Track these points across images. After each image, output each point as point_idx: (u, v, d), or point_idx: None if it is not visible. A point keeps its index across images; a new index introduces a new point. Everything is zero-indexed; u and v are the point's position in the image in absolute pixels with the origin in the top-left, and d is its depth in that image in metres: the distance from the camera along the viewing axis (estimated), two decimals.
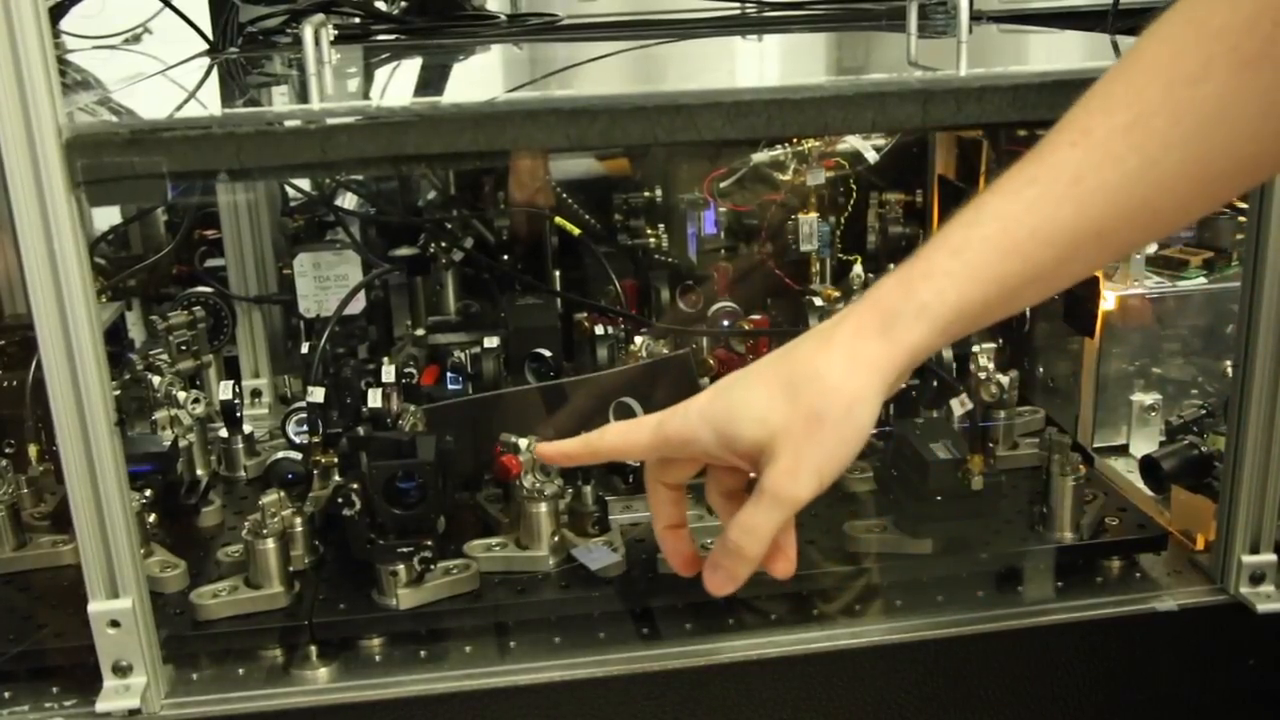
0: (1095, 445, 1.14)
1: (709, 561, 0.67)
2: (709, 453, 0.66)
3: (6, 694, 0.86)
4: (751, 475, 0.65)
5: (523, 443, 0.96)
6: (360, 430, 0.99)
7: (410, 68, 1.28)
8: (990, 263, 0.60)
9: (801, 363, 0.63)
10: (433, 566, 0.90)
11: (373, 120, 0.76)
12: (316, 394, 1.06)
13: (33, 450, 1.05)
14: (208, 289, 1.32)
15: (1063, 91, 0.81)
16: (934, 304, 0.60)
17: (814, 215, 1.32)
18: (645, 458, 0.71)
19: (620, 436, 0.70)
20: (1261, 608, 0.91)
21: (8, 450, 1.04)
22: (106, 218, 1.44)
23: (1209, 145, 0.56)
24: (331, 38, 1.15)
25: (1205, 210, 0.73)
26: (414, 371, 1.13)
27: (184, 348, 1.19)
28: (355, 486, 0.90)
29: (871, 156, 1.35)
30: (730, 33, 1.47)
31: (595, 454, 0.71)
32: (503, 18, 1.52)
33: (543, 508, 0.96)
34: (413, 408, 1.03)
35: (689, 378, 1.09)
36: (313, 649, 0.89)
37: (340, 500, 0.90)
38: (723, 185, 1.36)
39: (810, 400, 0.62)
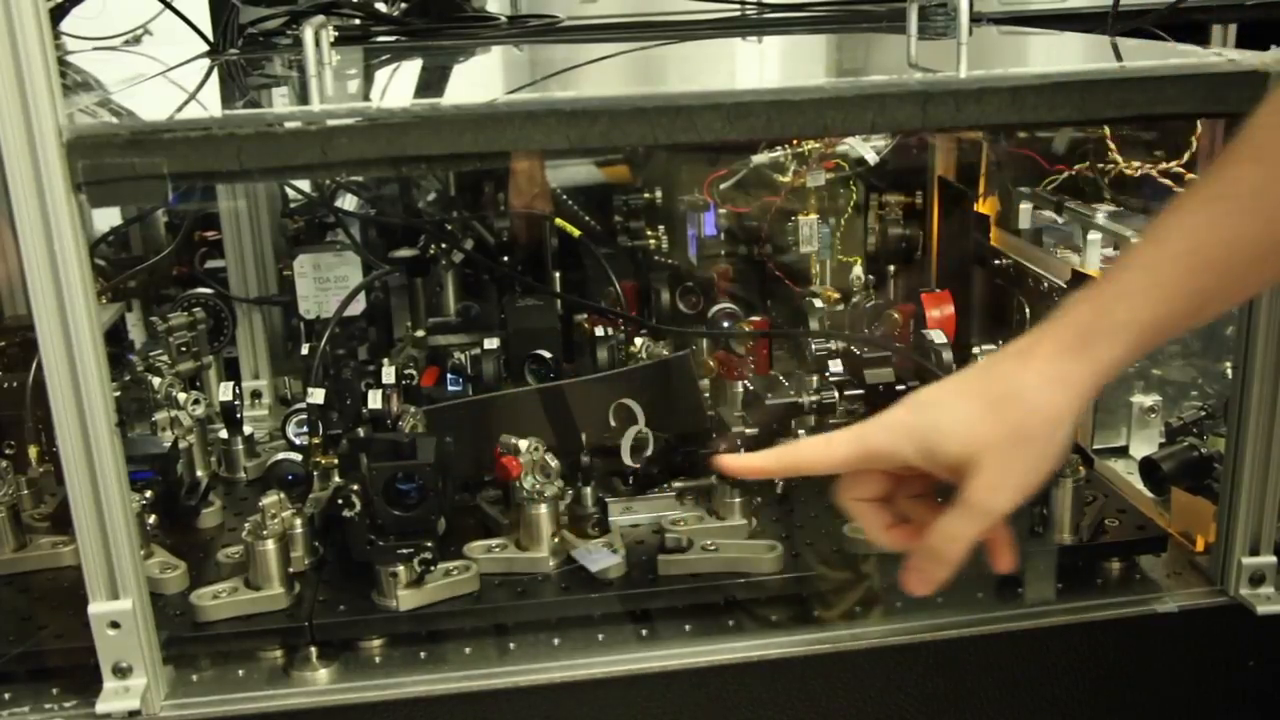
0: (1095, 447, 1.14)
1: (908, 564, 0.71)
2: (908, 464, 0.69)
3: (7, 695, 0.86)
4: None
5: (522, 444, 0.96)
6: (360, 432, 0.99)
7: (410, 69, 1.28)
8: (1181, 278, 0.63)
9: (1003, 380, 0.66)
10: (433, 568, 0.90)
11: (373, 122, 0.76)
12: (317, 395, 1.06)
13: (33, 451, 1.05)
14: (208, 290, 1.32)
15: (1062, 93, 0.81)
16: (1130, 322, 0.63)
17: (814, 217, 1.32)
18: (842, 470, 0.73)
19: (816, 451, 0.73)
20: (1261, 609, 0.91)
21: (8, 451, 1.04)
22: (107, 219, 1.45)
23: None
24: (332, 39, 1.15)
25: None
26: (414, 373, 1.13)
27: (184, 349, 1.20)
28: (355, 488, 0.90)
29: (871, 158, 1.35)
30: (730, 34, 1.47)
31: (787, 470, 0.75)
32: (503, 19, 1.52)
33: (543, 509, 0.96)
34: (413, 409, 1.03)
35: (689, 379, 1.09)
36: (313, 650, 0.89)
37: (340, 501, 0.90)
38: (723, 187, 1.36)
39: (1013, 418, 0.65)
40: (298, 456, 1.10)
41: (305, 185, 1.47)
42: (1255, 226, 0.62)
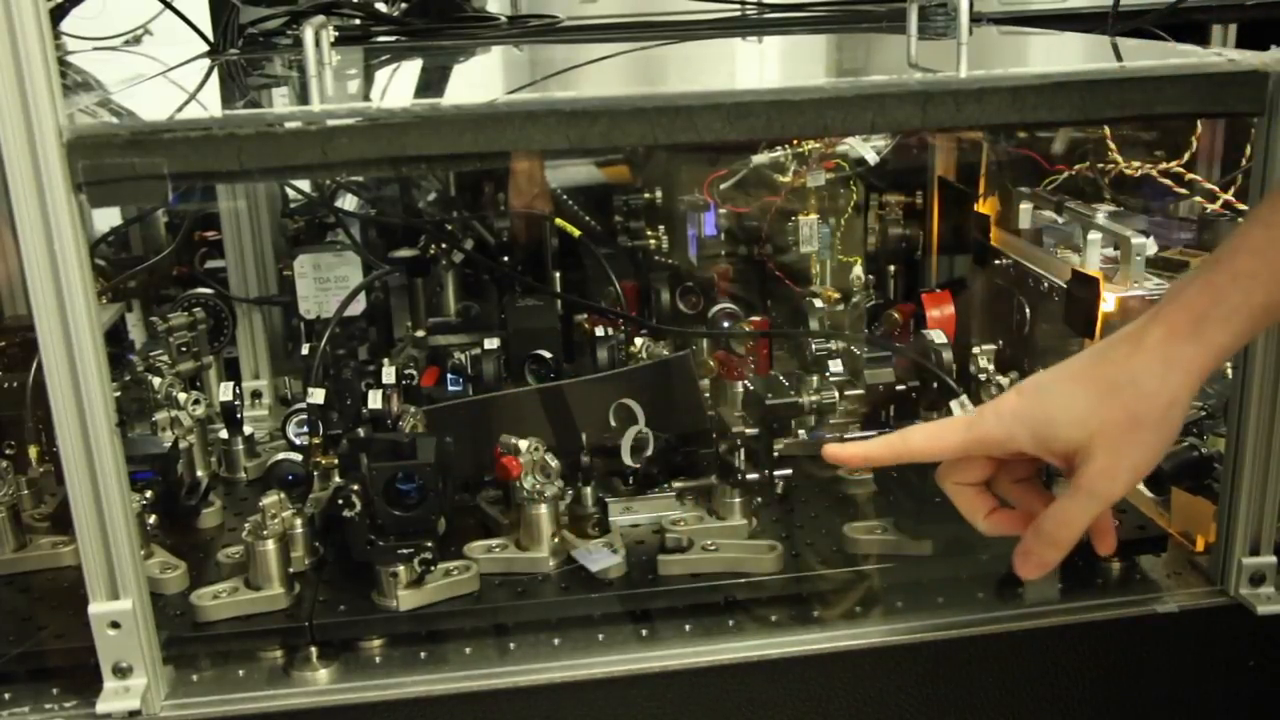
0: None
1: (1020, 549, 0.72)
2: (1020, 451, 0.71)
3: (7, 695, 0.86)
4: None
5: (523, 444, 0.96)
6: (360, 432, 0.99)
7: (410, 69, 1.28)
8: None
9: (1115, 366, 0.67)
10: (433, 568, 0.90)
11: (373, 122, 0.76)
12: (317, 395, 1.06)
13: (33, 451, 1.05)
14: (208, 290, 1.32)
15: (1062, 93, 0.81)
16: (1243, 305, 0.64)
17: (814, 217, 1.32)
18: (951, 458, 0.75)
19: (928, 440, 0.74)
20: (1261, 609, 0.91)
21: (8, 451, 1.04)
22: (107, 219, 1.45)
23: None
24: (332, 39, 1.15)
25: None
26: (414, 373, 1.13)
27: (184, 349, 1.20)
28: (355, 488, 0.90)
29: (871, 158, 1.35)
30: (730, 34, 1.47)
31: (899, 457, 0.75)
32: (503, 19, 1.52)
33: (543, 509, 0.96)
34: (413, 409, 1.03)
35: (689, 379, 1.09)
36: (313, 650, 0.89)
37: (340, 501, 0.90)
38: (723, 187, 1.36)
39: (1128, 404, 0.66)
40: (298, 456, 1.10)
41: (305, 185, 1.47)
42: None
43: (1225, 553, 0.93)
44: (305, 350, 1.15)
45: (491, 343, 1.15)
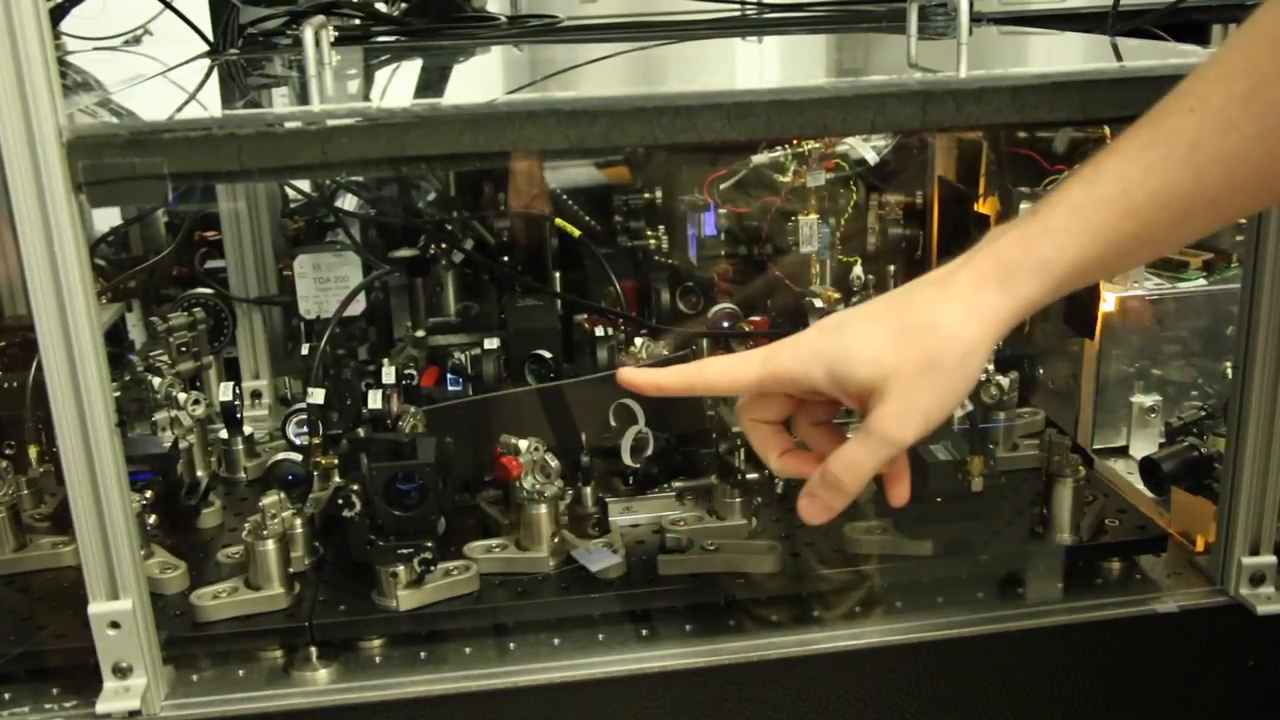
0: (1095, 447, 1.14)
1: (805, 490, 0.70)
2: (816, 389, 0.68)
3: (7, 695, 0.86)
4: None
5: (523, 444, 0.96)
6: (360, 432, 0.99)
7: (410, 69, 1.28)
8: (1109, 223, 0.62)
9: (919, 309, 0.65)
10: (432, 568, 0.90)
11: (373, 122, 0.76)
12: (317, 395, 1.06)
13: (33, 451, 1.05)
14: (208, 290, 1.32)
15: (1062, 93, 0.81)
16: (1053, 260, 0.62)
17: (814, 217, 1.32)
18: (747, 393, 0.72)
19: (723, 372, 0.71)
20: (1261, 609, 0.91)
21: (8, 451, 1.04)
22: (107, 219, 1.45)
23: None
24: (332, 39, 1.15)
25: None
26: (414, 373, 1.13)
27: (184, 349, 1.20)
28: (355, 488, 0.90)
29: (871, 158, 1.35)
30: (730, 34, 1.47)
31: (692, 388, 0.72)
32: (503, 19, 1.52)
33: (543, 509, 0.96)
34: (413, 409, 1.03)
35: None
36: (313, 650, 0.89)
37: (340, 501, 0.90)
38: (723, 187, 1.36)
39: (926, 346, 0.64)
40: (298, 456, 1.10)
41: (305, 185, 1.47)
42: (1186, 179, 0.60)
43: (1225, 553, 0.93)
44: (305, 350, 1.15)
45: (491, 343, 1.15)
